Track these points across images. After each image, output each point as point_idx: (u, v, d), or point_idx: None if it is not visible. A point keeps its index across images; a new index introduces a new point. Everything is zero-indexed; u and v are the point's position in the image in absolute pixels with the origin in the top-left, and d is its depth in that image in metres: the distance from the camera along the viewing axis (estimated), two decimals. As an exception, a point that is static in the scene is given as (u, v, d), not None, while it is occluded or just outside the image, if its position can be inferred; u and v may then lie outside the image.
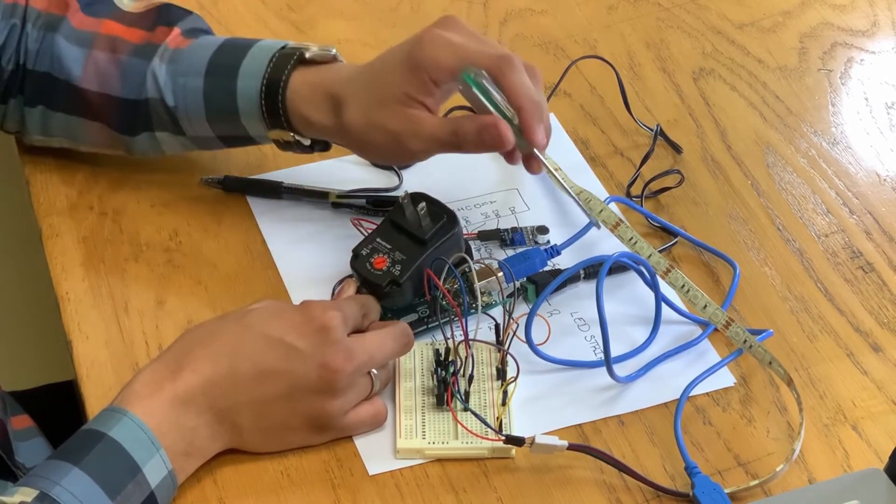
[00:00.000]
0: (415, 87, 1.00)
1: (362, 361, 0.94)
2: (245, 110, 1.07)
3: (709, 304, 1.02)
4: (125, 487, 0.87)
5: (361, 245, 1.03)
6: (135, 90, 1.09)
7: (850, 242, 1.11)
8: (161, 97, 1.08)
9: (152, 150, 1.12)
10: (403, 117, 1.01)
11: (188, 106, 1.08)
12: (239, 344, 0.93)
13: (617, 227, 1.06)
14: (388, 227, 1.04)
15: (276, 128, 1.06)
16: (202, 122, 1.08)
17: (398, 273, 1.01)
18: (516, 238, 1.10)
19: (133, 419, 0.89)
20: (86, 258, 1.10)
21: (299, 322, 0.94)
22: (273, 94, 1.05)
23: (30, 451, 1.09)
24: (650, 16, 1.33)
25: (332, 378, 0.93)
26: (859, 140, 1.21)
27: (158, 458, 0.89)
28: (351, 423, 0.96)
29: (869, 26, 1.32)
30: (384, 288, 1.00)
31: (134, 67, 1.09)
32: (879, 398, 1.00)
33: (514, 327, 1.00)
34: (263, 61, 1.06)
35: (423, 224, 1.02)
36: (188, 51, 1.09)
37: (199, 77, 1.07)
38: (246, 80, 1.06)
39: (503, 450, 0.95)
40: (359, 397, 0.96)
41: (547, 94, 1.21)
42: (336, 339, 0.93)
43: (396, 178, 1.15)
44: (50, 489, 0.85)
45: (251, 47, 1.07)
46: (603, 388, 1.00)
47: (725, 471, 0.95)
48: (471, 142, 1.00)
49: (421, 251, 1.02)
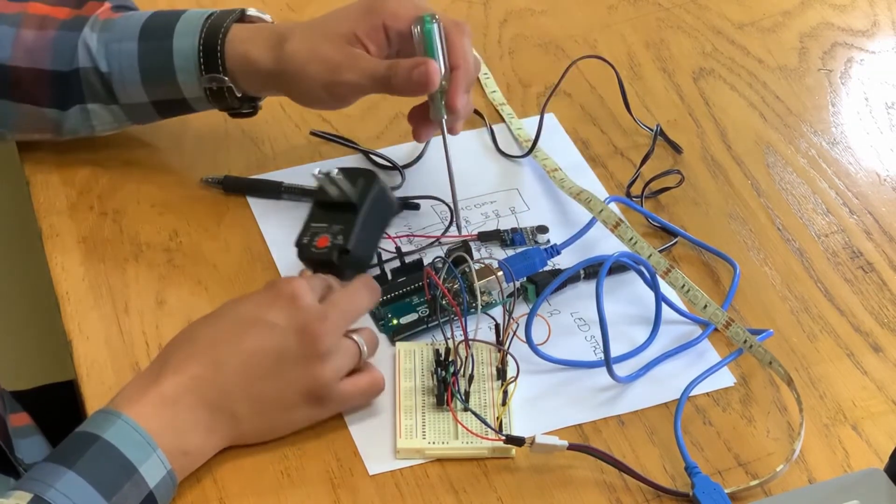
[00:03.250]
0: (365, 30, 1.04)
1: (337, 318, 0.95)
2: (181, 67, 1.08)
3: (709, 304, 1.02)
4: (121, 488, 0.87)
5: (300, 237, 1.03)
6: (66, 61, 1.10)
7: (850, 242, 1.11)
8: (94, 65, 1.09)
9: (83, 126, 1.13)
10: (345, 51, 1.04)
11: (122, 69, 1.09)
12: (215, 336, 0.94)
13: (617, 227, 1.06)
14: (316, 210, 1.04)
15: (211, 72, 1.07)
16: (137, 86, 1.10)
17: (342, 241, 1.01)
18: (516, 238, 1.10)
19: (127, 421, 0.89)
20: (86, 258, 1.10)
21: (268, 298, 0.95)
22: (212, 41, 1.07)
23: (28, 448, 1.09)
24: (650, 16, 1.33)
25: (312, 341, 0.93)
26: (859, 140, 1.21)
27: (156, 457, 0.89)
28: (348, 391, 0.96)
29: (869, 26, 1.32)
30: (335, 260, 1.01)
31: (64, 40, 1.10)
32: (879, 398, 1.00)
33: (514, 327, 1.00)
34: (199, 20, 1.08)
35: (347, 190, 1.03)
36: (120, 20, 1.11)
37: (132, 41, 1.09)
38: (181, 38, 1.08)
39: (503, 450, 0.95)
40: (348, 362, 0.96)
41: (547, 95, 1.21)
42: (307, 305, 0.94)
43: (399, 177, 1.16)
44: (44, 492, 0.85)
45: (184, 12, 1.10)
46: (603, 388, 1.00)
47: (725, 471, 0.95)
48: (401, 77, 1.03)
49: (355, 215, 1.02)
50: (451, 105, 1.05)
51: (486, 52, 1.28)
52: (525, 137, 1.19)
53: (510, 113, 1.21)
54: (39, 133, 1.14)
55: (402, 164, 1.17)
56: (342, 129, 1.19)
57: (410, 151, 1.18)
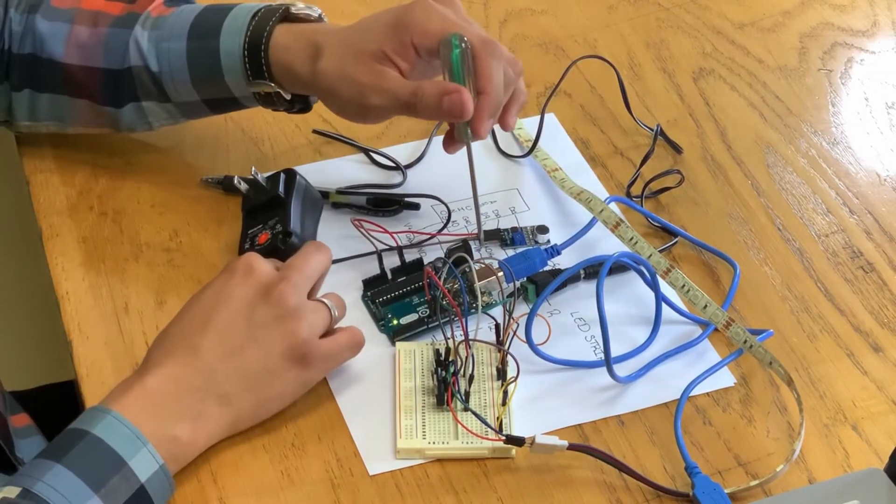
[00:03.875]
0: (393, 46, 1.02)
1: (296, 277, 0.96)
2: (228, 67, 1.07)
3: (709, 304, 1.02)
4: (109, 481, 0.87)
5: (240, 246, 1.07)
6: (118, 60, 1.09)
7: (850, 242, 1.11)
8: (145, 64, 1.09)
9: (140, 122, 1.12)
10: (373, 72, 1.02)
11: (172, 69, 1.09)
12: (186, 326, 0.95)
13: (617, 227, 1.06)
14: (247, 217, 1.09)
15: (258, 79, 1.07)
16: (187, 85, 1.09)
17: (282, 228, 1.05)
18: (516, 238, 1.10)
19: (116, 416, 0.89)
20: (86, 258, 1.10)
21: (225, 278, 0.96)
22: (256, 45, 1.05)
23: (29, 448, 1.09)
24: (650, 16, 1.33)
25: (279, 299, 0.94)
26: (859, 140, 1.21)
27: (146, 452, 0.89)
28: (329, 348, 0.96)
29: (869, 26, 1.32)
30: (281, 244, 1.04)
31: (116, 37, 1.09)
32: (879, 398, 1.00)
33: (514, 327, 1.00)
34: (245, 18, 1.07)
35: (269, 187, 1.08)
36: (171, 17, 1.10)
37: (181, 40, 1.08)
38: (228, 36, 1.07)
39: (503, 450, 0.95)
40: (321, 320, 0.96)
41: (547, 95, 1.21)
42: (264, 271, 0.96)
43: (401, 175, 1.16)
44: (32, 485, 0.86)
45: (233, 8, 1.08)
46: (603, 388, 1.00)
47: (725, 471, 0.95)
48: (430, 105, 1.00)
49: (285, 205, 1.06)
50: (475, 132, 1.01)
51: (486, 52, 1.28)
52: (526, 137, 1.19)
53: (510, 113, 1.21)
54: (98, 128, 1.14)
55: (403, 163, 1.17)
56: (343, 128, 1.19)
57: (412, 151, 1.18)
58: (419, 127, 1.20)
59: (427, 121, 1.19)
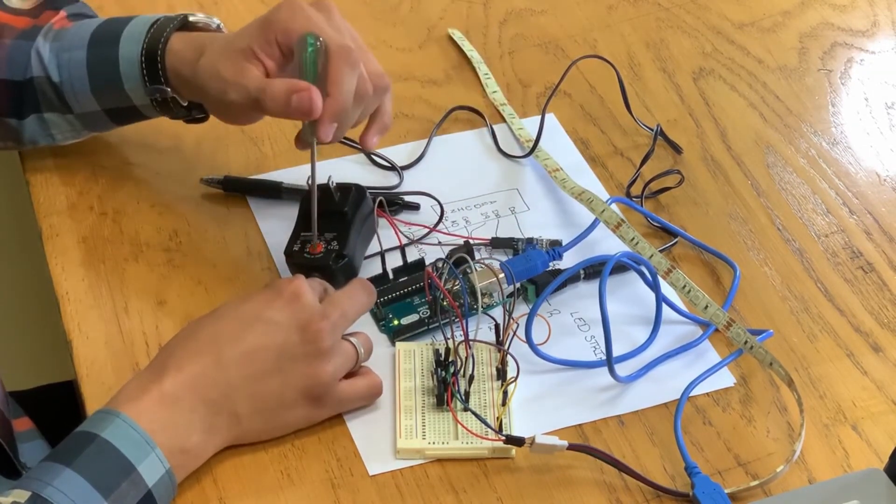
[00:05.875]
0: (260, 44, 1.01)
1: (337, 317, 0.95)
2: (127, 74, 1.08)
3: (710, 305, 1.02)
4: (119, 486, 0.87)
5: (290, 245, 1.05)
6: (20, 71, 1.10)
7: (850, 242, 1.11)
8: (46, 74, 1.10)
9: (42, 135, 1.13)
10: (236, 68, 1.01)
11: (73, 79, 1.09)
12: (217, 334, 0.94)
13: (619, 228, 1.05)
14: (303, 219, 1.06)
15: (155, 83, 1.07)
16: (87, 94, 1.10)
17: (338, 247, 1.03)
18: (529, 250, 1.08)
19: (125, 420, 0.89)
20: (86, 258, 1.10)
21: (269, 297, 0.95)
22: (153, 51, 1.06)
23: (31, 452, 1.09)
24: (650, 16, 1.33)
25: (314, 338, 0.94)
26: (859, 140, 1.21)
27: (154, 457, 0.89)
28: (346, 392, 0.96)
29: (869, 26, 1.32)
30: (332, 264, 1.02)
31: (19, 49, 1.10)
32: (879, 398, 1.00)
33: (514, 327, 1.00)
34: (144, 27, 1.07)
35: (337, 198, 1.05)
36: (72, 28, 1.11)
37: (82, 49, 1.09)
38: (127, 44, 1.07)
39: (503, 450, 0.95)
40: (347, 363, 0.96)
41: (547, 95, 1.21)
42: (309, 303, 0.95)
43: (397, 177, 1.16)
44: (42, 490, 0.85)
45: (133, 18, 1.09)
46: (603, 388, 1.00)
47: (725, 471, 0.95)
48: (278, 101, 0.99)
49: (348, 223, 1.04)
50: (317, 134, 1.00)
51: (487, 52, 1.28)
52: (526, 137, 1.19)
53: (511, 113, 1.21)
54: (2, 141, 1.14)
55: (401, 164, 1.16)
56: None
57: (410, 152, 1.18)
58: (419, 127, 1.20)
59: (425, 122, 1.18)
